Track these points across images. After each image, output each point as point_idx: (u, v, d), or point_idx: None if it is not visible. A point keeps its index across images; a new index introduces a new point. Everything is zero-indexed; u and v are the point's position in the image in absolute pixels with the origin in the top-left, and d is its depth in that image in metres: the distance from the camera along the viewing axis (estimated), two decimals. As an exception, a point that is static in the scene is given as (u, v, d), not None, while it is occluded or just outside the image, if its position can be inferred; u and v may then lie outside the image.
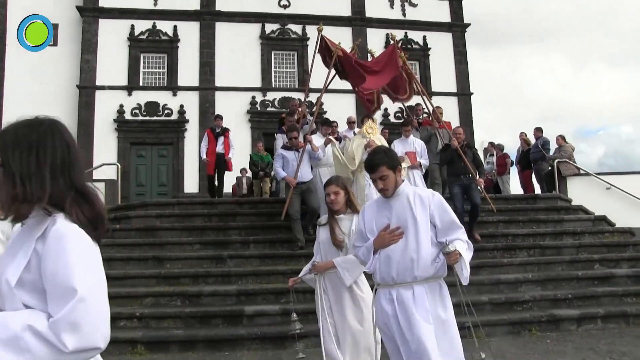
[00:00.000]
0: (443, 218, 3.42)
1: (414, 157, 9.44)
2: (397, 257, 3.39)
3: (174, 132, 21.28)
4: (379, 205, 3.61)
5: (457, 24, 24.29)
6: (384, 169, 3.44)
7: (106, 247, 9.20)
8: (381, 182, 3.46)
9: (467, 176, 9.23)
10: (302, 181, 9.03)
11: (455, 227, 3.42)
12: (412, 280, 3.37)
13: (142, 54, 21.60)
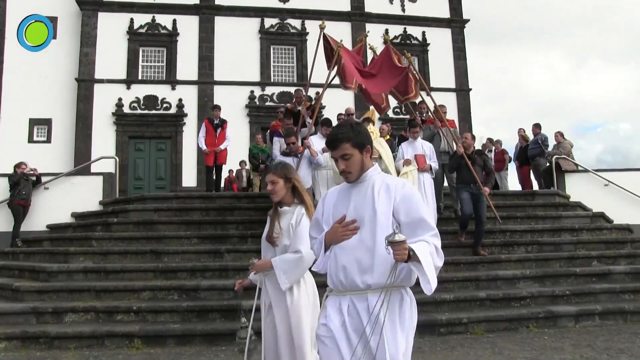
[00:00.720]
0: (410, 213, 2.75)
1: (423, 160, 9.13)
2: (348, 257, 2.77)
3: (173, 126, 21.24)
4: (341, 192, 2.98)
5: (456, 19, 24.25)
6: (347, 146, 2.82)
7: (103, 241, 9.20)
8: (343, 163, 2.84)
9: (475, 185, 8.86)
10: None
11: (425, 226, 2.74)
12: (365, 287, 2.74)
13: (141, 47, 21.54)
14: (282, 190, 3.78)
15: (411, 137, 9.48)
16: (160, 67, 21.73)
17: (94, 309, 7.26)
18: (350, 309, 2.78)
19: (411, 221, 2.75)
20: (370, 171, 2.90)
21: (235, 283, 4.26)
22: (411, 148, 9.31)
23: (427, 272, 2.55)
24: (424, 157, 9.15)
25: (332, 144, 2.87)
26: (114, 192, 12.20)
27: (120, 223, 9.76)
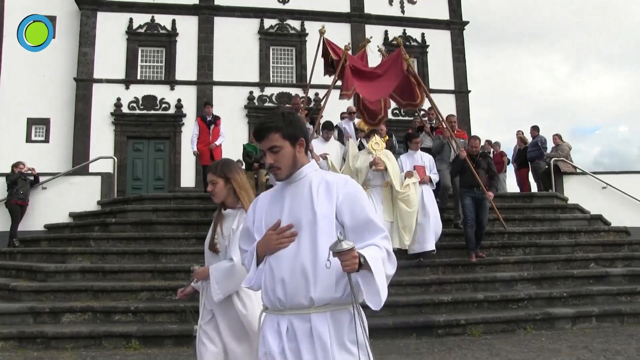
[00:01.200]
0: (355, 214, 2.36)
1: (423, 172, 8.91)
2: (286, 269, 2.33)
3: (171, 127, 21.22)
4: (274, 194, 2.57)
5: (456, 21, 24.27)
6: (276, 137, 2.42)
7: (101, 241, 9.20)
8: (271, 156, 2.44)
9: (479, 189, 8.65)
10: None
11: (373, 228, 2.35)
12: (308, 304, 2.30)
13: (140, 47, 21.51)
14: (223, 192, 3.47)
15: (411, 148, 9.26)
16: (159, 67, 21.71)
17: (92, 309, 7.27)
18: (289, 332, 2.34)
19: (357, 223, 2.36)
20: (306, 168, 2.50)
21: (177, 292, 3.86)
22: (410, 160, 9.12)
23: (377, 282, 2.14)
24: (423, 169, 8.97)
25: (259, 133, 2.47)
26: (112, 192, 12.19)
27: (118, 223, 9.76)
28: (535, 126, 14.21)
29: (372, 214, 2.40)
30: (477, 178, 8.61)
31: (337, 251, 2.09)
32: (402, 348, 6.44)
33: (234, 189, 3.46)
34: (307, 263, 2.32)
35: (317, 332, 2.28)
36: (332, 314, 2.31)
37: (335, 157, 9.21)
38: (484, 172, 8.89)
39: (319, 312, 2.31)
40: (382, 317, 7.31)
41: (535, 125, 14.21)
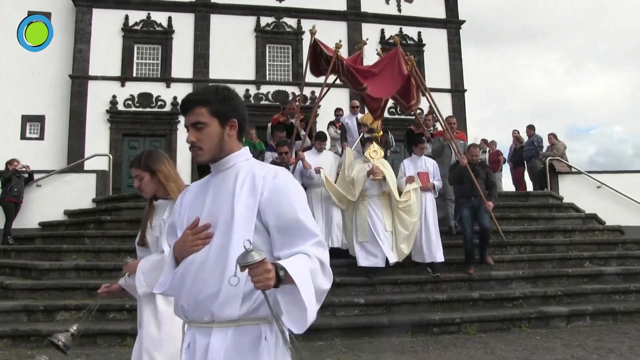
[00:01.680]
0: (282, 214, 1.92)
1: (426, 178, 8.53)
2: (192, 276, 1.97)
3: (167, 124, 21.18)
4: (200, 186, 2.19)
5: (452, 20, 24.29)
6: (202, 111, 2.05)
7: (96, 239, 9.18)
8: (193, 133, 2.05)
9: (477, 198, 8.46)
10: None
11: (304, 232, 1.91)
12: (209, 319, 1.94)
13: (136, 44, 21.45)
14: (150, 186, 3.18)
15: (416, 153, 8.86)
16: (155, 65, 21.65)
17: (86, 307, 7.24)
18: (190, 348, 2.03)
19: (284, 226, 1.92)
20: (236, 156, 2.11)
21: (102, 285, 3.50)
22: (414, 165, 8.74)
23: (303, 299, 1.70)
24: (427, 175, 8.59)
25: (184, 106, 2.11)
26: (108, 190, 12.16)
27: (113, 221, 9.74)
28: (531, 125, 14.26)
29: (304, 214, 1.95)
30: (477, 187, 8.42)
31: (244, 264, 1.66)
32: (397, 346, 6.45)
33: (157, 180, 3.16)
34: (213, 272, 1.92)
35: (212, 352, 1.93)
36: (235, 331, 1.91)
37: (330, 170, 8.72)
38: (482, 181, 8.67)
39: (221, 328, 1.94)
40: (378, 316, 7.33)
41: (531, 125, 14.27)
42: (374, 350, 6.20)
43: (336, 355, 6.12)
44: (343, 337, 6.81)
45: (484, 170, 8.84)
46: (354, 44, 22.71)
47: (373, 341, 6.55)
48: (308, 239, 1.91)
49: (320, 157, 8.80)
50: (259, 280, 1.66)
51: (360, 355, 6.06)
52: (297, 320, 1.74)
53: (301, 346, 6.52)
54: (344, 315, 7.31)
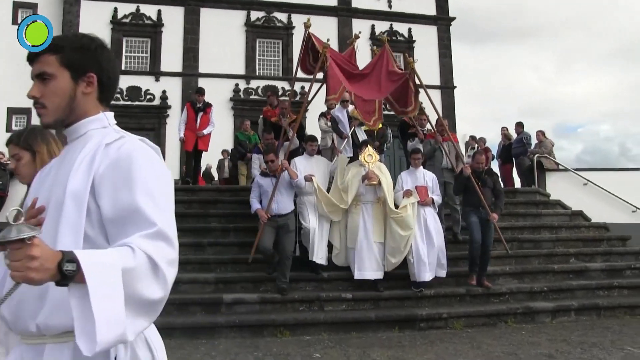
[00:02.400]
0: (117, 194, 1.45)
1: (425, 193, 7.97)
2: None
3: (156, 118, 21.10)
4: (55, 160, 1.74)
5: (443, 17, 24.38)
6: (51, 59, 1.66)
7: (84, 232, 9.11)
8: (37, 87, 1.66)
9: (484, 210, 7.89)
10: (279, 214, 7.49)
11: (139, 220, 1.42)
12: (37, 332, 1.45)
13: (124, 37, 21.33)
14: (30, 169, 2.63)
15: (412, 165, 8.28)
16: (144, 58, 21.55)
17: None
18: None
19: (118, 210, 1.44)
20: (89, 121, 1.65)
21: None
22: (411, 178, 8.17)
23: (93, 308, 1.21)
24: (425, 189, 8.02)
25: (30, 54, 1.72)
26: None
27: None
28: (520, 123, 14.32)
29: (146, 196, 1.46)
30: (482, 198, 7.86)
31: (3, 242, 1.19)
32: (385, 341, 6.49)
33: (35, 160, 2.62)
34: None
35: None
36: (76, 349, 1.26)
37: (322, 177, 8.11)
38: (489, 190, 8.10)
39: (57, 343, 1.44)
40: (365, 311, 7.37)
41: (519, 122, 14.33)
42: (361, 345, 6.24)
43: (324, 350, 6.15)
44: (331, 331, 6.84)
45: (491, 179, 8.24)
46: (344, 40, 22.73)
47: (360, 336, 6.59)
48: (142, 228, 1.39)
49: (311, 162, 8.15)
50: (16, 268, 1.18)
51: (347, 350, 6.09)
52: (86, 335, 1.22)
53: (288, 341, 6.56)
54: (332, 310, 7.34)
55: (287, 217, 7.49)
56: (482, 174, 8.18)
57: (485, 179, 8.14)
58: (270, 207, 7.45)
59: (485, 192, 7.98)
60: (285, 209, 7.53)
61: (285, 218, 7.46)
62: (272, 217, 7.41)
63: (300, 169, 7.83)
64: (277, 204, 7.48)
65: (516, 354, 5.91)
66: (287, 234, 7.41)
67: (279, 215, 7.45)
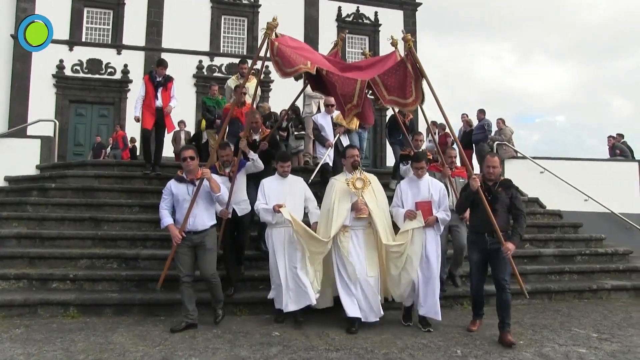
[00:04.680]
0: None
1: (428, 210, 6.26)
2: None
3: (117, 92, 20.64)
4: None
5: (409, 2, 24.47)
6: None
7: (39, 206, 8.91)
8: None
9: (492, 236, 5.92)
10: (194, 230, 6.08)
11: None
12: None
13: (85, 8, 20.71)
14: None
15: (415, 173, 6.54)
16: (106, 30, 20.98)
17: (27, 277, 7.06)
18: None
19: None
20: None
21: None
22: (412, 190, 6.44)
23: None
24: (429, 205, 6.29)
25: None
26: (53, 157, 11.76)
27: (58, 189, 9.45)
28: (482, 110, 14.50)
29: None
30: (492, 219, 5.87)
31: None
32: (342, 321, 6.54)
33: None
34: None
35: None
36: None
37: (297, 203, 6.57)
38: (504, 209, 6.04)
39: None
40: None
41: (481, 109, 14.51)
42: (320, 324, 6.31)
43: (282, 328, 6.19)
44: (290, 310, 6.85)
45: (507, 193, 6.10)
46: (311, 21, 22.67)
47: (320, 315, 6.62)
48: None
49: (283, 185, 6.63)
50: None
51: (306, 329, 6.14)
52: None
53: (247, 319, 6.57)
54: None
55: (205, 234, 6.13)
56: (493, 187, 6.15)
57: (498, 194, 6.07)
58: (185, 224, 6.04)
59: (498, 212, 5.99)
60: (203, 225, 6.13)
61: (201, 235, 6.11)
62: (186, 234, 6.07)
63: (269, 194, 6.50)
64: (193, 217, 6.08)
65: (471, 335, 6.09)
66: (205, 254, 6.15)
67: (194, 232, 6.08)
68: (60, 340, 5.50)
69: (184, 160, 6.17)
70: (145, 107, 9.62)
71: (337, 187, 6.36)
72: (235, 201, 6.91)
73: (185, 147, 6.58)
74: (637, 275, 9.23)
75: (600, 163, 13.56)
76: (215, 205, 6.37)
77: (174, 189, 6.19)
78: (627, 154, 15.87)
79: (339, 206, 6.23)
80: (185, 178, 6.19)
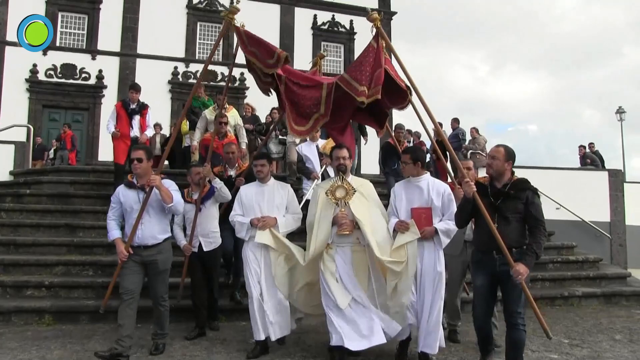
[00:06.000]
0: None
1: (426, 218, 5.01)
2: None
3: (91, 97, 20.48)
4: None
5: (384, 10, 24.71)
6: None
7: (14, 213, 8.83)
8: None
9: (501, 255, 4.46)
10: (144, 245, 5.18)
11: None
12: None
13: (60, 12, 20.54)
14: None
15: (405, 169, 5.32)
16: (80, 35, 20.83)
17: (1, 284, 7.00)
18: None
19: None
20: None
21: None
22: (408, 194, 5.19)
23: None
24: (428, 212, 5.04)
25: None
26: (27, 163, 11.64)
27: (33, 195, 9.38)
28: (456, 118, 14.77)
29: None
30: (495, 232, 4.43)
31: None
32: (320, 326, 6.60)
33: None
34: None
35: None
36: None
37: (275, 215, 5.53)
38: (517, 218, 4.52)
39: None
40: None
41: (455, 118, 14.77)
42: (297, 330, 6.36)
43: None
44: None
45: (520, 197, 4.51)
46: (286, 29, 22.80)
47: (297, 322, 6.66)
48: None
49: (262, 192, 5.64)
50: None
51: (284, 335, 6.18)
52: None
53: (224, 326, 6.60)
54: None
55: (157, 250, 5.24)
56: (506, 188, 4.56)
57: (511, 200, 4.52)
58: (132, 237, 5.14)
59: (509, 222, 4.52)
60: (154, 238, 5.21)
61: (153, 252, 5.22)
62: (135, 249, 5.18)
63: (245, 202, 5.61)
64: (141, 230, 5.16)
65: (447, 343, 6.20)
66: (158, 274, 5.32)
67: (144, 246, 5.19)
68: (36, 348, 5.48)
69: (131, 162, 5.28)
70: (117, 139, 8.78)
71: (321, 197, 5.23)
72: (202, 233, 6.06)
73: (135, 147, 5.63)
74: (606, 282, 9.40)
75: (571, 172, 13.87)
76: (168, 218, 5.46)
77: (122, 196, 5.31)
78: (597, 163, 16.27)
79: (320, 221, 5.12)
80: (135, 183, 5.27)
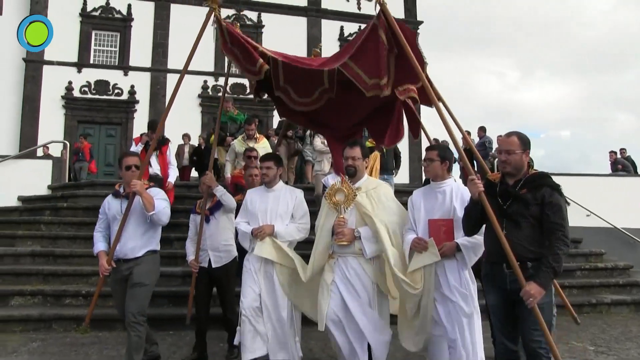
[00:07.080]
0: None
1: (447, 232, 4.17)
2: None
3: (124, 112, 21.02)
4: None
5: (410, 20, 24.81)
6: None
7: (52, 225, 9.19)
8: None
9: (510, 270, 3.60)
10: (123, 257, 4.74)
11: None
12: None
13: (94, 30, 21.18)
14: None
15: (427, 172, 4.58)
16: (113, 52, 21.42)
17: (42, 293, 7.30)
18: None
19: None
20: None
21: None
22: (427, 203, 4.37)
23: None
24: (449, 225, 4.19)
25: None
26: (63, 177, 12.08)
27: (69, 208, 9.73)
28: (483, 127, 14.71)
29: None
30: (504, 242, 3.58)
31: None
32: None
33: None
34: None
35: None
36: None
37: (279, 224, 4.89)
38: (531, 223, 3.59)
39: None
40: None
41: (482, 126, 14.71)
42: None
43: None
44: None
45: (535, 196, 3.59)
46: (313, 40, 23.03)
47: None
48: None
49: (267, 198, 5.03)
50: None
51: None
52: None
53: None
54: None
55: (135, 263, 4.73)
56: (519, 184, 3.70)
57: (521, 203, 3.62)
58: (113, 250, 4.74)
59: (522, 228, 3.62)
60: (133, 251, 4.74)
61: (130, 265, 4.73)
62: (117, 262, 4.76)
63: (249, 208, 5.04)
64: (123, 243, 4.74)
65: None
66: (133, 288, 4.68)
67: (124, 259, 4.74)
68: (75, 354, 5.74)
69: (120, 169, 4.99)
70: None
71: (325, 203, 4.64)
72: (211, 246, 5.41)
73: (128, 152, 5.33)
74: (637, 289, 9.23)
75: (602, 178, 13.65)
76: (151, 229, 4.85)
77: (107, 206, 4.98)
78: (629, 169, 15.91)
79: (321, 229, 4.55)
80: (121, 192, 4.91)
